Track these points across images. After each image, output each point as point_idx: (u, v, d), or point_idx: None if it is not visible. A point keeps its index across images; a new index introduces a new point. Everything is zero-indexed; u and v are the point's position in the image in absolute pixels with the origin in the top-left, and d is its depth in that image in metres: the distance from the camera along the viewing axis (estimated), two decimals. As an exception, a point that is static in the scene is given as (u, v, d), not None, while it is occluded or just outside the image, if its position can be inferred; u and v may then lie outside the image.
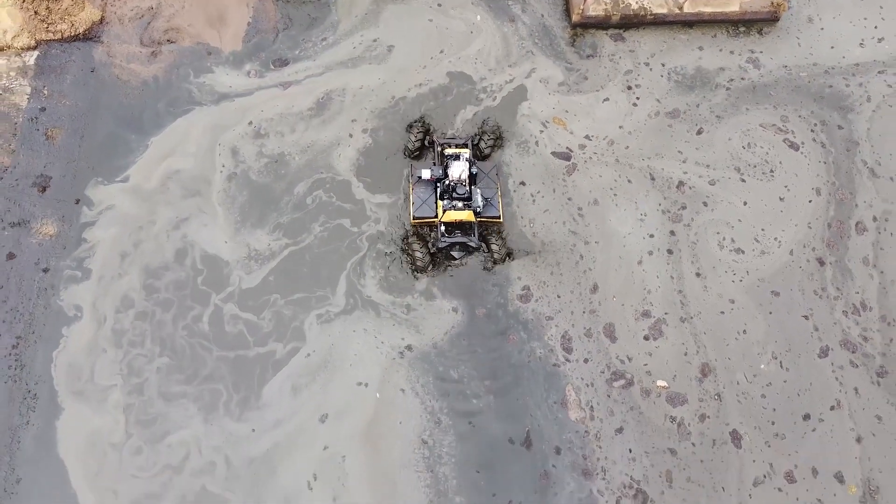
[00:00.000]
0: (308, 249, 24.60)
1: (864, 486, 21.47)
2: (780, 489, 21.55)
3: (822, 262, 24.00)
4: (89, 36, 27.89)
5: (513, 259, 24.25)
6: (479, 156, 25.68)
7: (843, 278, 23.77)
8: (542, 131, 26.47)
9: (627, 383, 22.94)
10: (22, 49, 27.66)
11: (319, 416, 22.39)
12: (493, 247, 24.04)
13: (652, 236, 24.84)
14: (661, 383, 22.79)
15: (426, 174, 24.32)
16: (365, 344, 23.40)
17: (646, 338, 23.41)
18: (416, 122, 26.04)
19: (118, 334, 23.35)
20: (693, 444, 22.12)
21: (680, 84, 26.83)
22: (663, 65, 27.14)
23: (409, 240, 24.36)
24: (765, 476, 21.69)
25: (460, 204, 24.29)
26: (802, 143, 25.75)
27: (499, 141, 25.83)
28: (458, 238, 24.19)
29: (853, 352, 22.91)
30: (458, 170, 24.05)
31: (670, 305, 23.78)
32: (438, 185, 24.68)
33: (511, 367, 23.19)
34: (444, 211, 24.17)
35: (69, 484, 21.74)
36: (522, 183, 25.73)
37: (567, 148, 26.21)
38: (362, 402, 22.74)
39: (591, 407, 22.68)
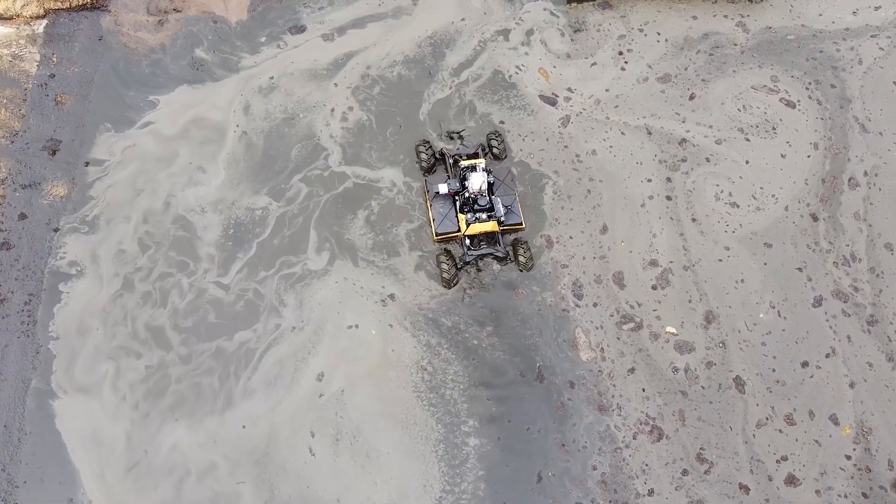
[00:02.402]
0: (299, 212, 23.63)
1: (857, 428, 20.86)
2: (780, 430, 20.89)
3: (815, 218, 23.35)
4: (97, 5, 26.76)
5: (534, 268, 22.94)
6: (493, 158, 24.19)
7: (836, 232, 23.14)
8: (521, 72, 25.71)
9: (636, 326, 22.13)
10: (31, 18, 26.57)
11: (316, 375, 21.42)
12: (521, 258, 22.51)
13: (650, 181, 24.05)
14: (669, 329, 22.03)
15: (443, 189, 22.77)
16: (349, 292, 22.57)
17: (654, 287, 22.61)
18: (421, 142, 24.15)
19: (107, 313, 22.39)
20: (702, 388, 21.38)
21: (671, 49, 26.04)
22: (659, 33, 26.36)
23: (437, 254, 22.71)
24: (767, 418, 21.02)
25: (484, 215, 22.65)
26: (798, 101, 25.04)
27: (503, 143, 24.27)
28: (485, 250, 22.67)
29: (845, 301, 22.29)
30: (478, 181, 22.27)
31: (674, 252, 22.99)
32: (457, 198, 23.08)
33: (518, 314, 22.31)
34: (468, 224, 22.60)
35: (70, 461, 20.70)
36: (502, 122, 24.94)
37: (553, 94, 25.34)
38: (354, 342, 21.90)
39: (602, 348, 21.87)
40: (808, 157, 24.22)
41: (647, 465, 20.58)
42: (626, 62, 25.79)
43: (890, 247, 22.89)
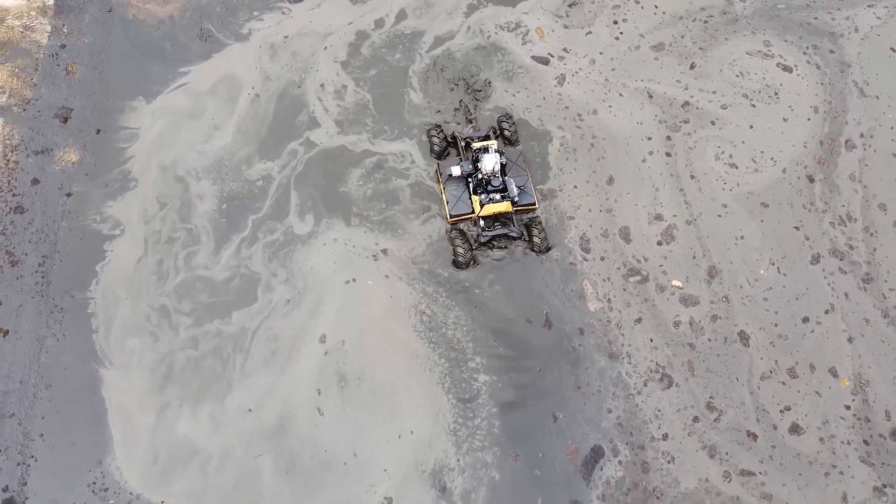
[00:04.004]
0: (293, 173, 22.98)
1: (855, 380, 20.43)
2: (783, 383, 20.41)
3: (811, 179, 22.86)
4: (106, -23, 25.96)
5: (551, 249, 21.95)
6: (506, 142, 23.22)
7: (831, 193, 22.64)
8: (507, 31, 25.04)
9: (643, 279, 21.58)
10: (41, -11, 25.77)
11: (318, 338, 20.77)
12: (536, 239, 21.59)
13: (650, 139, 23.45)
14: (675, 283, 21.50)
15: (456, 171, 21.91)
16: (342, 252, 21.91)
17: (659, 243, 22.06)
18: (432, 127, 23.20)
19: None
20: (709, 340, 20.88)
21: (668, 19, 25.38)
22: (657, 6, 25.76)
23: (451, 235, 21.74)
24: (771, 371, 20.53)
25: (497, 196, 21.76)
26: (796, 66, 24.49)
27: (515, 126, 23.29)
28: (500, 230, 21.78)
29: (841, 259, 21.82)
30: (491, 162, 21.46)
31: (677, 206, 22.46)
32: (470, 179, 22.20)
33: (521, 266, 21.77)
34: (482, 205, 21.71)
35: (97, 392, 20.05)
36: (486, 81, 24.39)
37: (549, 53, 24.68)
38: (353, 296, 21.30)
39: (609, 299, 21.30)
40: (809, 120, 23.69)
41: (659, 410, 20.09)
42: (620, 32, 25.13)
43: (884, 207, 22.44)
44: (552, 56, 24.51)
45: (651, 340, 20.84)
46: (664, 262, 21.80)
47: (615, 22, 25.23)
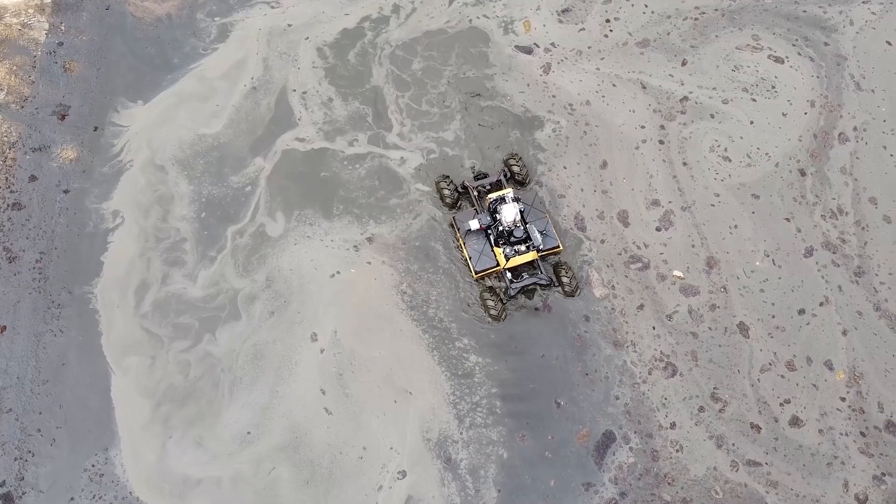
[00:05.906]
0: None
1: (850, 373, 19.68)
2: (782, 375, 19.62)
3: (803, 173, 22.02)
4: (103, -25, 24.85)
5: (580, 289, 20.49)
6: (518, 183, 21.52)
7: (822, 186, 21.80)
8: (488, 20, 23.86)
9: (644, 266, 20.75)
10: (39, -13, 24.67)
11: (309, 336, 19.70)
12: (564, 280, 20.01)
13: (643, 127, 22.48)
14: (677, 273, 20.63)
15: (474, 225, 19.97)
16: (319, 249, 20.86)
17: (658, 229, 21.22)
18: (441, 178, 21.33)
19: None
20: (709, 329, 20.09)
21: (656, 17, 24.35)
22: (646, 5, 24.83)
23: (479, 290, 20.12)
24: (770, 364, 19.74)
25: (522, 247, 19.87)
26: (787, 57, 23.58)
27: (524, 165, 21.54)
28: (529, 280, 20.01)
29: (834, 252, 21.00)
30: (511, 214, 19.47)
31: (672, 192, 21.56)
32: (489, 231, 20.37)
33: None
34: (508, 258, 19.90)
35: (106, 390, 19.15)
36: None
37: (535, 43, 23.60)
38: (339, 287, 20.30)
39: (613, 286, 20.47)
40: (805, 114, 22.81)
41: (665, 399, 19.35)
42: (610, 30, 24.10)
43: (874, 201, 21.63)
44: (538, 45, 23.47)
45: (653, 328, 20.07)
46: (664, 249, 21.01)
47: (607, 20, 24.22)
